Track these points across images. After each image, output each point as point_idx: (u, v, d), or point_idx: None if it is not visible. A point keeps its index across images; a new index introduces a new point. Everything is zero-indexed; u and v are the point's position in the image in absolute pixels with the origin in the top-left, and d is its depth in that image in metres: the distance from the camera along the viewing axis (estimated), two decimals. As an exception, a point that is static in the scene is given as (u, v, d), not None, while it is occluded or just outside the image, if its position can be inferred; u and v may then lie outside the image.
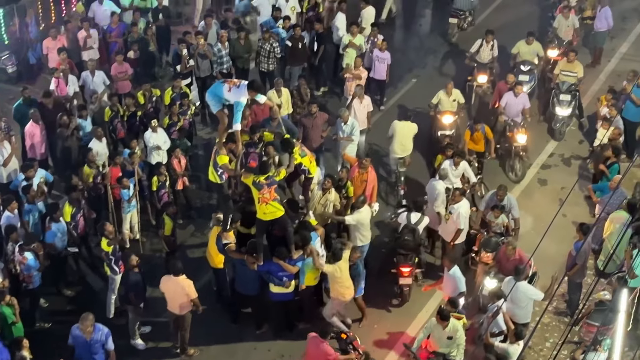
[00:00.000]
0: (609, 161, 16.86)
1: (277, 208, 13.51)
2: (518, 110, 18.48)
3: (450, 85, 18.53)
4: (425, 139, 18.53)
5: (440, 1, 25.50)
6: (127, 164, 16.17)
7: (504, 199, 15.50)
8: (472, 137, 17.45)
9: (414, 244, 15.25)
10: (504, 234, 15.30)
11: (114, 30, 20.39)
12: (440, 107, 18.38)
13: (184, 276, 13.58)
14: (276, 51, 19.70)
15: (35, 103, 17.74)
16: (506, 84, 18.97)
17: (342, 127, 17.38)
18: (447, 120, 18.15)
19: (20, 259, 14.10)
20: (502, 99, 18.62)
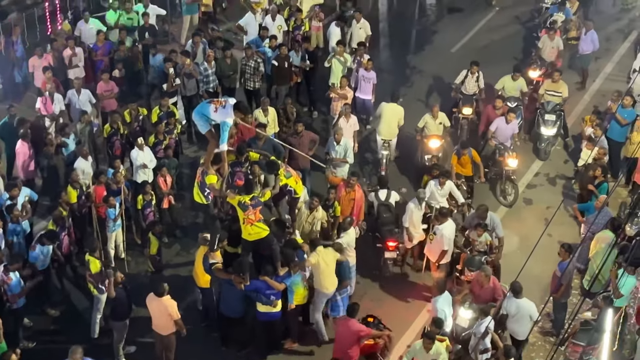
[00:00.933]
0: (597, 180, 16.94)
1: (262, 228, 13.51)
2: (508, 135, 18.52)
3: (436, 108, 18.50)
4: (411, 163, 18.58)
5: (426, 19, 25.64)
6: (111, 183, 16.13)
7: (485, 217, 15.50)
8: (459, 161, 17.43)
9: (392, 218, 16.22)
10: (487, 252, 15.32)
11: (100, 49, 20.38)
12: (427, 131, 18.34)
13: (168, 297, 13.52)
14: (260, 68, 19.72)
15: (20, 122, 17.70)
16: (494, 108, 18.97)
17: (335, 147, 17.38)
18: (433, 145, 18.13)
19: (4, 279, 13.97)
20: (492, 124, 18.59)
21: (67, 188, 15.94)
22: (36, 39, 21.31)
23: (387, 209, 16.26)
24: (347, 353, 13.38)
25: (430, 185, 16.46)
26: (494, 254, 15.37)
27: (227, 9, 24.43)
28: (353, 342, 13.38)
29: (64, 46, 20.03)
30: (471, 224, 15.62)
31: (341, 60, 19.98)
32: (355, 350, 13.43)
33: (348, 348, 13.38)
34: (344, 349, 13.41)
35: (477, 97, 19.93)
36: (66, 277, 15.79)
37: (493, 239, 15.49)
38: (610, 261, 14.39)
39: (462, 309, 14.26)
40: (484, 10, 25.32)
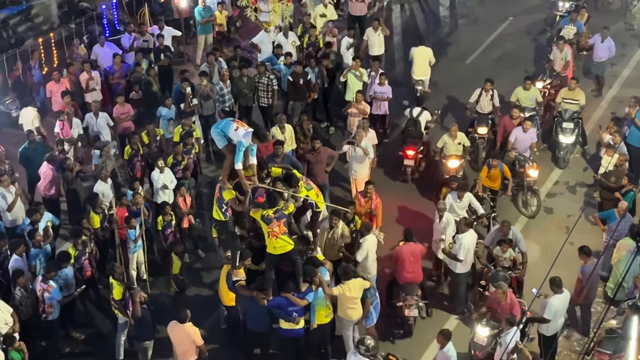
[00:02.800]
0: (624, 189, 16.87)
1: (287, 242, 13.51)
2: (527, 145, 18.45)
3: (454, 127, 18.35)
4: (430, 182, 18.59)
5: (440, 31, 25.66)
6: (130, 205, 16.22)
7: (508, 234, 15.39)
8: (488, 174, 17.27)
9: (417, 133, 18.95)
10: (511, 268, 15.23)
11: (117, 72, 20.52)
12: (446, 151, 18.25)
13: (190, 323, 13.54)
14: (274, 84, 19.79)
15: (40, 146, 17.84)
16: (511, 118, 18.90)
17: (356, 149, 17.61)
18: (453, 165, 18.01)
19: (45, 287, 14.22)
20: (511, 134, 18.52)
21: (90, 214, 16.03)
22: (53, 64, 21.46)
23: (414, 123, 19.08)
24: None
25: (448, 197, 16.44)
26: (519, 270, 15.27)
27: (240, 28, 24.53)
28: None
29: (80, 70, 20.18)
30: (494, 240, 15.50)
31: (357, 74, 20.02)
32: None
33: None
34: None
35: (492, 115, 19.78)
36: (90, 299, 15.84)
37: (516, 254, 15.39)
38: (633, 268, 14.31)
39: (480, 327, 14.18)
40: (498, 21, 25.29)
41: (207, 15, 22.92)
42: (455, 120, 20.71)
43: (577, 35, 22.29)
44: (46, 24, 23.74)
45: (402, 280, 15.10)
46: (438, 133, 19.39)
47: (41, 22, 23.82)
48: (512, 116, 18.91)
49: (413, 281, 15.09)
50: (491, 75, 20.22)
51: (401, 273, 15.11)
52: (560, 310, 14.06)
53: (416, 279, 15.14)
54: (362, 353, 12.98)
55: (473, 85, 20.19)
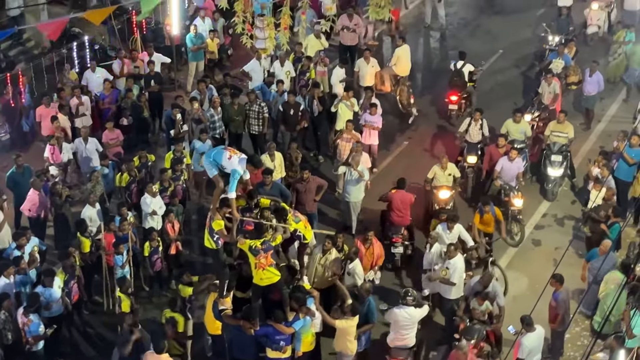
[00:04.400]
0: (610, 221, 16.91)
1: (273, 273, 13.47)
2: (513, 175, 18.51)
3: (445, 159, 18.39)
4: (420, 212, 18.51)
5: (431, 62, 25.80)
6: (117, 231, 16.17)
7: (488, 285, 15.08)
8: (481, 220, 17.12)
9: (461, 82, 21.83)
10: (487, 322, 14.91)
11: (107, 97, 20.52)
12: (436, 182, 18.25)
13: (167, 355, 13.49)
14: (264, 111, 19.82)
15: (28, 170, 17.79)
16: (497, 147, 19.00)
17: (352, 172, 17.74)
18: (443, 196, 17.97)
19: (25, 321, 14.07)
20: (497, 163, 18.61)
21: (80, 237, 15.96)
22: (43, 89, 21.46)
23: (458, 74, 22.01)
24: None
25: (439, 228, 16.45)
26: (494, 324, 14.96)
27: (232, 55, 24.60)
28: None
29: (70, 95, 20.18)
30: (473, 290, 15.20)
31: (348, 104, 20.07)
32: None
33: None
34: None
35: (482, 145, 19.84)
36: (75, 326, 15.73)
37: (493, 307, 15.07)
38: (621, 302, 14.31)
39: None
40: (489, 53, 25.44)
41: (199, 43, 22.99)
42: (445, 149, 20.83)
43: (565, 69, 22.43)
44: (38, 48, 23.76)
45: (390, 222, 17.13)
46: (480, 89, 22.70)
47: (33, 47, 23.85)
48: (498, 145, 18.99)
49: (400, 224, 17.22)
50: (481, 107, 20.31)
51: (391, 216, 17.18)
52: (535, 348, 13.95)
53: (403, 222, 17.26)
54: (409, 303, 14.30)
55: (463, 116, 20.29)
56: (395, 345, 14.58)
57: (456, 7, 28.71)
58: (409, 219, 17.43)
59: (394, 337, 14.57)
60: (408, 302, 14.31)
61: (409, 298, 14.32)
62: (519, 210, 18.16)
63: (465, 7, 28.57)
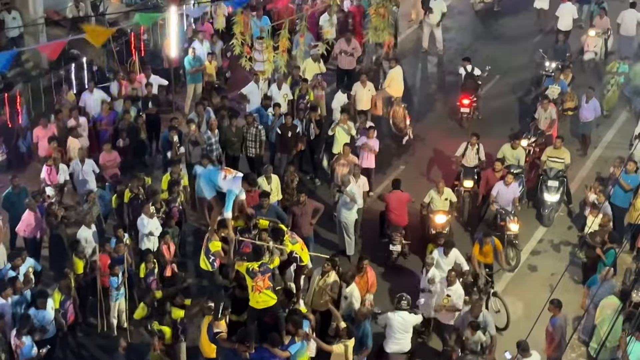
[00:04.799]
0: (606, 247, 16.90)
1: (270, 297, 13.44)
2: (509, 200, 18.52)
3: (441, 183, 18.42)
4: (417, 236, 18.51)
5: (428, 87, 25.87)
6: (114, 253, 16.15)
7: (479, 315, 15.08)
8: (481, 251, 16.91)
9: (473, 85, 23.09)
10: (478, 352, 14.91)
11: (105, 119, 20.54)
12: (432, 207, 18.25)
13: None
14: (262, 134, 19.83)
15: (24, 191, 17.78)
16: (493, 171, 19.00)
17: (343, 196, 17.84)
18: (440, 220, 17.99)
19: (17, 343, 14.00)
20: (493, 188, 18.62)
21: (74, 258, 15.92)
22: (41, 110, 21.47)
23: (471, 76, 23.20)
24: None
25: (435, 253, 16.42)
26: (487, 355, 14.92)
27: (230, 78, 24.65)
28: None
29: (68, 116, 20.19)
30: (464, 321, 15.17)
31: (345, 128, 20.10)
32: None
33: None
34: None
35: (478, 169, 19.86)
36: (69, 348, 15.66)
37: (485, 337, 15.03)
38: (617, 328, 14.29)
39: None
40: (486, 79, 25.52)
41: (197, 65, 23.04)
42: (442, 174, 20.87)
43: (562, 95, 22.50)
44: (36, 69, 23.80)
45: (389, 221, 17.95)
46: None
47: (31, 68, 23.88)
48: (494, 169, 19.00)
49: (397, 223, 17.96)
50: (478, 131, 20.36)
51: (388, 215, 17.99)
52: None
53: (400, 222, 17.98)
54: (403, 308, 14.70)
55: (460, 140, 20.31)
56: (393, 350, 14.88)
57: (453, 32, 28.81)
58: (406, 219, 18.19)
59: (390, 342, 14.89)
60: (402, 306, 14.74)
61: (403, 302, 14.76)
62: (515, 235, 18.17)
63: (463, 33, 28.67)
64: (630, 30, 26.02)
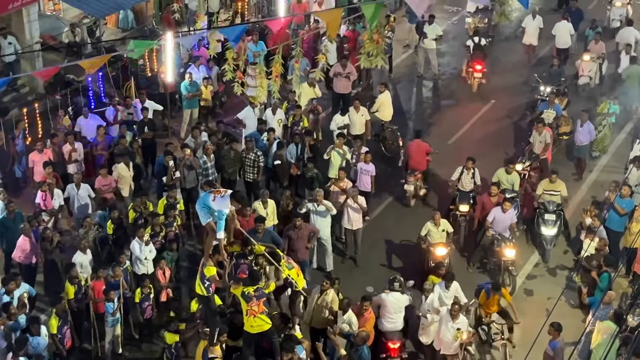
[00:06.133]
0: (601, 270, 16.87)
1: (264, 321, 13.44)
2: (505, 226, 18.38)
3: (437, 215, 18.22)
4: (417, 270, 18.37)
5: (423, 111, 25.93)
6: (110, 278, 16.11)
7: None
8: (487, 300, 16.50)
9: (483, 54, 26.39)
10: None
11: (100, 143, 20.55)
12: (430, 239, 18.07)
13: None
14: (260, 160, 19.85)
15: (19, 216, 17.75)
16: (489, 196, 18.95)
17: (317, 206, 18.07)
18: (440, 253, 17.74)
19: None
20: (489, 214, 18.50)
21: (65, 284, 15.88)
22: (37, 135, 21.46)
23: (480, 47, 26.57)
24: None
25: (437, 287, 16.32)
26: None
27: (226, 103, 24.70)
28: None
29: (63, 141, 20.20)
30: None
31: (340, 152, 20.14)
32: None
33: None
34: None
35: (474, 193, 19.83)
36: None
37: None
38: (613, 352, 14.25)
39: None
40: (481, 102, 25.61)
41: (194, 90, 23.08)
42: (437, 197, 20.88)
43: (557, 119, 22.55)
44: (32, 94, 23.84)
45: (409, 166, 20.82)
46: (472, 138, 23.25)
47: (27, 93, 23.93)
48: (490, 194, 18.93)
49: (415, 168, 20.74)
50: (473, 156, 20.36)
51: (408, 161, 20.95)
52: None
53: (419, 167, 20.83)
54: (396, 289, 15.67)
55: (455, 164, 20.35)
56: (387, 329, 15.77)
57: (448, 57, 28.94)
58: (424, 165, 20.91)
59: (385, 321, 15.78)
60: (395, 287, 15.72)
61: (396, 284, 15.78)
62: (511, 262, 18.07)
63: (458, 58, 28.77)
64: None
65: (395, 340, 15.70)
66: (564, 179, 20.34)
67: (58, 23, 25.88)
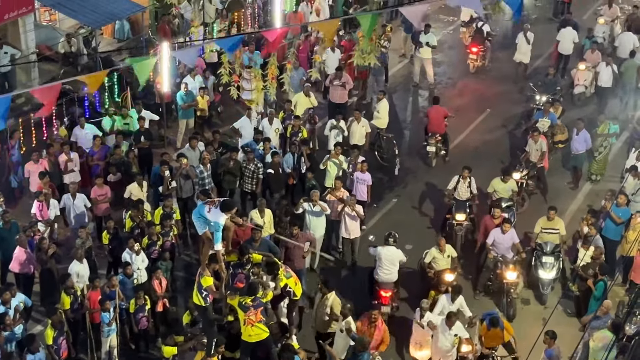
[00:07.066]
0: (596, 279, 16.87)
1: (262, 330, 13.43)
2: (507, 247, 17.97)
3: (442, 242, 17.80)
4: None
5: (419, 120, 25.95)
6: (106, 288, 16.07)
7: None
8: (487, 333, 16.13)
9: (481, 39, 27.93)
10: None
11: (96, 153, 20.53)
12: (435, 266, 17.65)
13: None
14: (260, 171, 19.85)
15: (15, 226, 17.72)
16: (492, 218, 18.50)
17: (313, 207, 18.41)
18: (449, 279, 17.24)
19: None
20: (489, 236, 18.05)
21: (61, 294, 15.85)
22: (32, 145, 21.44)
23: (480, 31, 27.89)
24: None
25: (442, 300, 16.30)
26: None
27: (222, 112, 24.69)
28: None
29: (59, 151, 20.18)
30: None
31: (336, 162, 20.13)
32: None
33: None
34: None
35: (470, 202, 19.76)
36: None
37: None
38: None
39: None
40: (477, 112, 25.64)
41: (189, 100, 23.07)
42: (433, 207, 20.91)
43: (552, 128, 22.56)
44: (28, 104, 23.82)
45: (429, 130, 22.92)
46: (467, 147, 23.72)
47: (23, 103, 23.91)
48: (493, 216, 18.49)
49: (435, 131, 22.82)
50: (469, 164, 20.36)
51: (428, 125, 23.00)
52: None
53: (438, 130, 22.88)
54: (391, 244, 17.21)
55: (451, 174, 20.35)
56: (383, 279, 17.21)
57: (444, 66, 28.99)
58: (443, 128, 22.91)
59: (380, 272, 17.24)
60: (390, 242, 17.25)
61: (391, 239, 17.30)
62: (513, 284, 17.69)
63: (453, 67, 28.85)
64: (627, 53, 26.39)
65: (387, 289, 17.10)
66: (559, 188, 20.30)
67: (54, 33, 25.86)
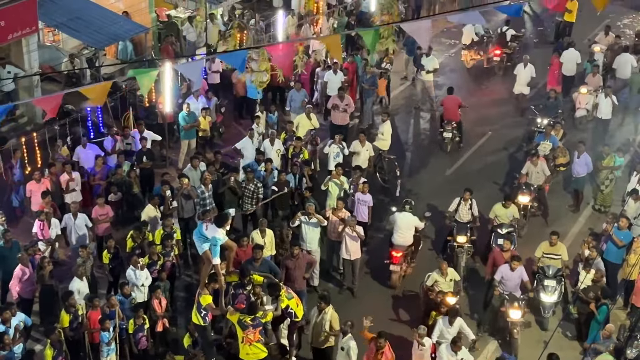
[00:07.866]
0: (599, 302, 16.82)
1: (260, 349, 13.41)
2: (515, 284, 17.60)
3: (444, 265, 17.71)
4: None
5: (421, 142, 26.00)
6: (106, 308, 16.05)
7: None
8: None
9: (504, 42, 29.26)
10: None
11: (98, 173, 20.56)
12: (438, 289, 17.46)
13: None
14: (260, 192, 19.86)
15: (16, 246, 17.72)
16: (501, 251, 18.26)
17: (309, 219, 18.49)
18: (452, 301, 17.08)
19: None
20: (497, 272, 17.71)
21: (61, 313, 15.82)
22: (35, 164, 21.48)
23: (502, 35, 29.27)
24: None
25: (439, 323, 16.25)
26: None
27: (224, 133, 24.74)
28: None
29: (61, 171, 20.21)
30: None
31: (337, 183, 20.14)
32: None
33: None
34: None
35: (471, 224, 19.75)
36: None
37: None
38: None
39: None
40: (479, 134, 25.68)
41: (191, 121, 23.12)
42: (434, 228, 20.89)
43: (553, 151, 22.57)
44: (30, 124, 23.90)
45: (444, 117, 24.70)
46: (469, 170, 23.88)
47: (25, 123, 23.98)
48: (502, 249, 18.27)
49: (450, 118, 24.66)
50: (470, 187, 20.36)
51: (444, 113, 24.84)
52: None
53: (453, 118, 24.67)
54: (407, 210, 18.87)
55: (453, 196, 20.35)
56: (398, 242, 18.75)
57: (446, 89, 29.01)
58: (457, 116, 24.61)
59: (396, 236, 18.82)
60: (406, 209, 18.88)
61: (407, 206, 18.95)
62: (517, 324, 17.28)
63: (455, 90, 28.83)
64: (626, 74, 26.53)
65: (398, 250, 18.56)
66: (561, 211, 20.28)
67: (57, 54, 25.97)
